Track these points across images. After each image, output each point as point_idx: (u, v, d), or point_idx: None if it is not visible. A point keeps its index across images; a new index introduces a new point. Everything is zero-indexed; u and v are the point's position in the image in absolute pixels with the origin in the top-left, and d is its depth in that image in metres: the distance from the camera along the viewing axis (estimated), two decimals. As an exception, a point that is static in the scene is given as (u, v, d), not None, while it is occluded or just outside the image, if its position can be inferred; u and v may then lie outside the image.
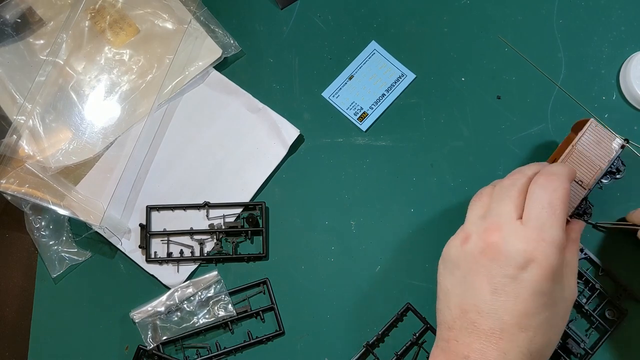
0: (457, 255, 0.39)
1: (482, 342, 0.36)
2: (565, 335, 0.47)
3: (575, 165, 0.45)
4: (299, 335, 0.49)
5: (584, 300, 0.48)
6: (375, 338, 0.48)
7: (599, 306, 0.48)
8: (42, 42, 0.54)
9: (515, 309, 0.35)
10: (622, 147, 0.45)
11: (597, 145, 0.45)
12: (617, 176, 0.47)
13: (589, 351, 0.47)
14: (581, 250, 0.48)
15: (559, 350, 0.46)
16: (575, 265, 0.41)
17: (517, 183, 0.39)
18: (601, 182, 0.47)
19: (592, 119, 0.45)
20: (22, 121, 0.51)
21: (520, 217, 0.37)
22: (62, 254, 0.51)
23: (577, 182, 0.45)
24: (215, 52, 0.54)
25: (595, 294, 0.48)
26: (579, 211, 0.46)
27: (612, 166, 0.46)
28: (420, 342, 0.48)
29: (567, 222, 0.43)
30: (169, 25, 0.55)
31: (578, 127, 0.48)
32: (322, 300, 0.50)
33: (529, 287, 0.35)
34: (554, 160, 0.47)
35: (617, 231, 0.48)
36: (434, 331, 0.48)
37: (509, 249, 0.36)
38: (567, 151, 0.45)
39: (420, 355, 0.48)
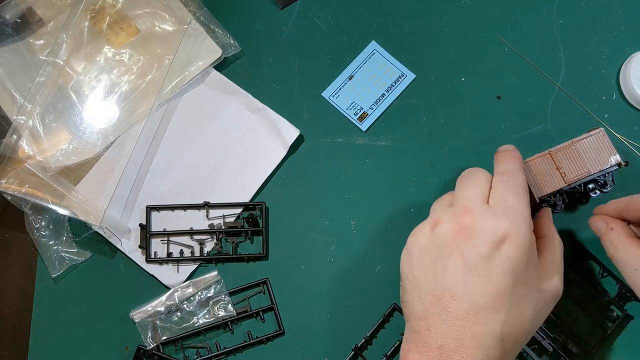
0: (428, 240, 0.38)
1: (456, 327, 0.35)
2: (566, 335, 0.47)
3: (565, 158, 0.46)
4: (299, 335, 0.49)
5: (585, 300, 0.48)
6: (363, 340, 0.48)
7: (600, 306, 0.48)
8: (42, 42, 0.54)
9: (489, 289, 0.35)
10: (618, 165, 0.45)
11: (596, 152, 0.46)
12: (605, 190, 0.47)
13: (589, 351, 0.47)
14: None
15: (559, 351, 0.46)
16: (560, 257, 0.41)
17: (479, 172, 0.41)
18: (587, 188, 0.47)
19: (602, 129, 0.46)
20: (22, 121, 0.51)
21: (487, 203, 0.39)
22: (62, 254, 0.51)
23: (561, 173, 0.45)
24: (215, 52, 0.54)
25: (596, 294, 0.48)
26: (550, 200, 0.46)
27: (601, 178, 0.46)
28: None
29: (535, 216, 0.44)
30: (169, 26, 0.55)
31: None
32: (322, 300, 0.50)
33: (501, 266, 0.36)
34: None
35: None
36: None
37: (482, 227, 0.37)
38: (564, 143, 0.46)
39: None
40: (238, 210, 0.52)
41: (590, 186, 0.46)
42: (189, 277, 0.51)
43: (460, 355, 0.35)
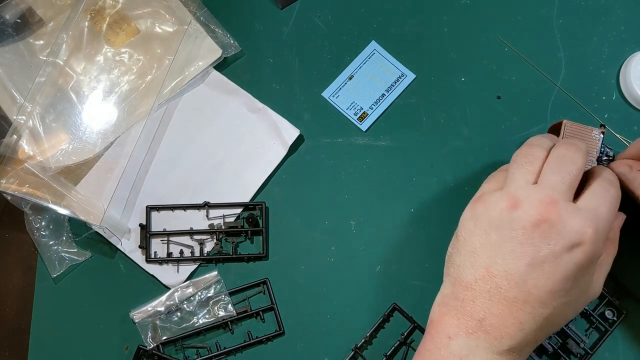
0: (501, 218, 0.37)
1: (502, 308, 0.36)
2: (565, 335, 0.47)
3: None
4: (299, 335, 0.49)
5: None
6: (363, 341, 0.48)
7: (599, 306, 0.48)
8: (42, 42, 0.54)
9: (545, 285, 0.36)
10: (602, 132, 0.45)
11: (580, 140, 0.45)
12: (610, 157, 0.47)
13: (589, 351, 0.47)
14: None
15: (559, 351, 0.46)
16: (608, 266, 0.41)
17: (577, 161, 0.39)
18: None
19: (565, 120, 0.46)
20: (22, 121, 0.51)
21: (573, 199, 0.38)
22: (62, 254, 0.51)
23: None
24: (215, 52, 0.54)
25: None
26: None
27: (602, 154, 0.46)
28: (408, 341, 0.48)
29: None
30: (169, 26, 0.55)
31: (554, 130, 0.48)
32: (322, 300, 0.50)
33: (566, 269, 0.36)
34: None
35: None
36: (421, 330, 0.48)
37: (564, 227, 0.36)
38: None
39: (409, 355, 0.48)
40: (238, 210, 0.52)
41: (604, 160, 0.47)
42: (189, 277, 0.51)
43: (500, 332, 0.36)
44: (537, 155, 0.40)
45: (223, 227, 0.51)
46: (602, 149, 0.46)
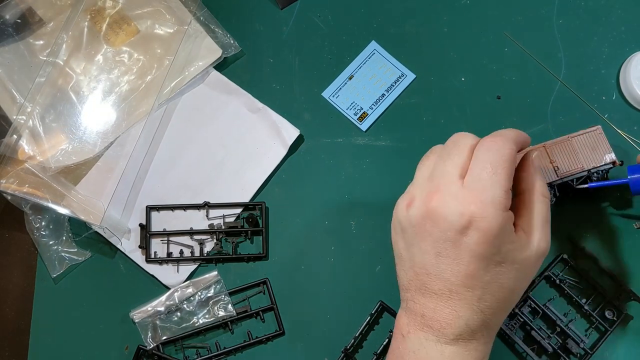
0: (404, 219, 0.38)
1: (434, 301, 0.37)
2: (565, 335, 0.47)
3: (560, 152, 0.46)
4: (299, 335, 0.49)
5: (584, 300, 0.48)
6: (352, 341, 0.48)
7: (599, 306, 0.48)
8: (42, 42, 0.54)
9: (459, 270, 0.36)
10: (613, 163, 0.45)
11: (592, 149, 0.46)
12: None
13: (589, 351, 0.47)
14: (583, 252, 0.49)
15: (559, 351, 0.46)
16: (543, 214, 0.39)
17: (462, 141, 0.38)
18: (588, 180, 0.46)
19: (599, 126, 0.46)
20: (22, 121, 0.51)
21: (463, 178, 0.37)
22: (62, 254, 0.51)
23: (554, 167, 0.45)
24: (215, 52, 0.54)
25: (595, 294, 0.48)
26: None
27: (596, 174, 0.46)
28: None
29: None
30: (169, 26, 0.55)
31: None
32: (322, 300, 0.50)
33: (468, 251, 0.35)
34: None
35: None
36: None
37: (447, 212, 0.35)
38: (560, 138, 0.46)
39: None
40: (238, 210, 0.52)
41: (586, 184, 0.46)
42: (189, 277, 0.51)
43: (440, 324, 0.36)
44: (433, 151, 0.41)
45: (223, 227, 0.51)
46: (599, 172, 0.46)
